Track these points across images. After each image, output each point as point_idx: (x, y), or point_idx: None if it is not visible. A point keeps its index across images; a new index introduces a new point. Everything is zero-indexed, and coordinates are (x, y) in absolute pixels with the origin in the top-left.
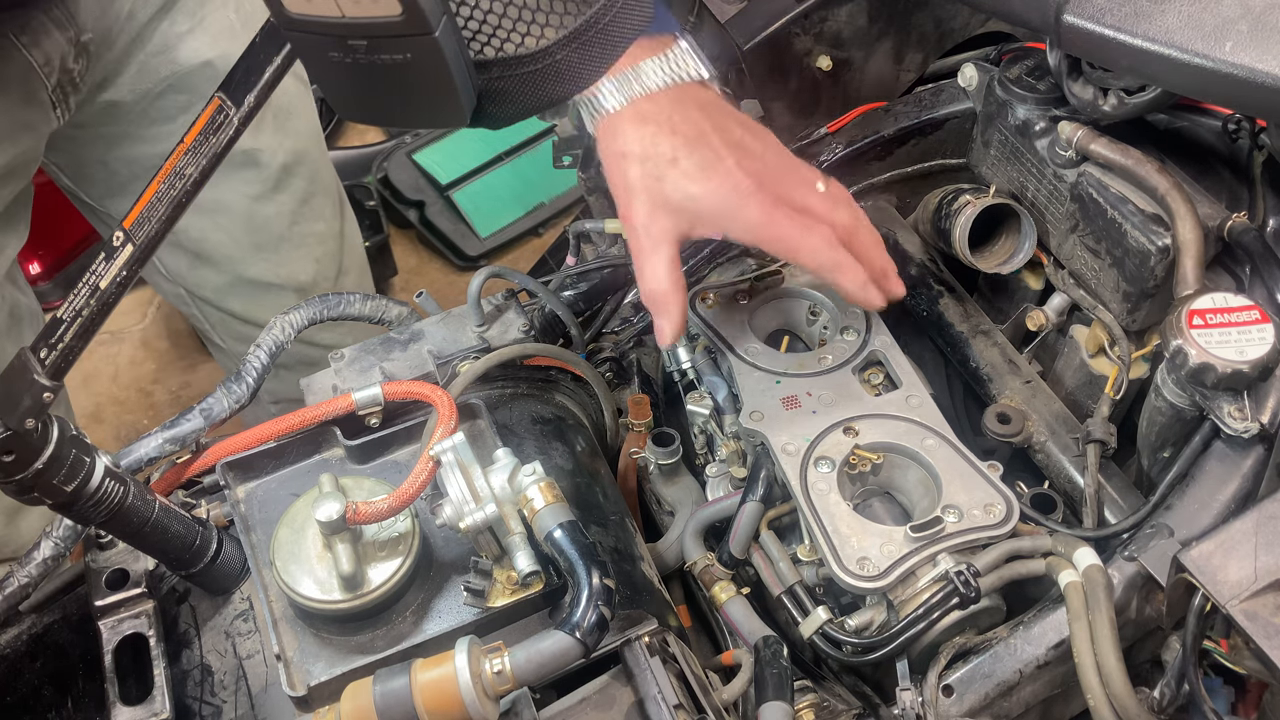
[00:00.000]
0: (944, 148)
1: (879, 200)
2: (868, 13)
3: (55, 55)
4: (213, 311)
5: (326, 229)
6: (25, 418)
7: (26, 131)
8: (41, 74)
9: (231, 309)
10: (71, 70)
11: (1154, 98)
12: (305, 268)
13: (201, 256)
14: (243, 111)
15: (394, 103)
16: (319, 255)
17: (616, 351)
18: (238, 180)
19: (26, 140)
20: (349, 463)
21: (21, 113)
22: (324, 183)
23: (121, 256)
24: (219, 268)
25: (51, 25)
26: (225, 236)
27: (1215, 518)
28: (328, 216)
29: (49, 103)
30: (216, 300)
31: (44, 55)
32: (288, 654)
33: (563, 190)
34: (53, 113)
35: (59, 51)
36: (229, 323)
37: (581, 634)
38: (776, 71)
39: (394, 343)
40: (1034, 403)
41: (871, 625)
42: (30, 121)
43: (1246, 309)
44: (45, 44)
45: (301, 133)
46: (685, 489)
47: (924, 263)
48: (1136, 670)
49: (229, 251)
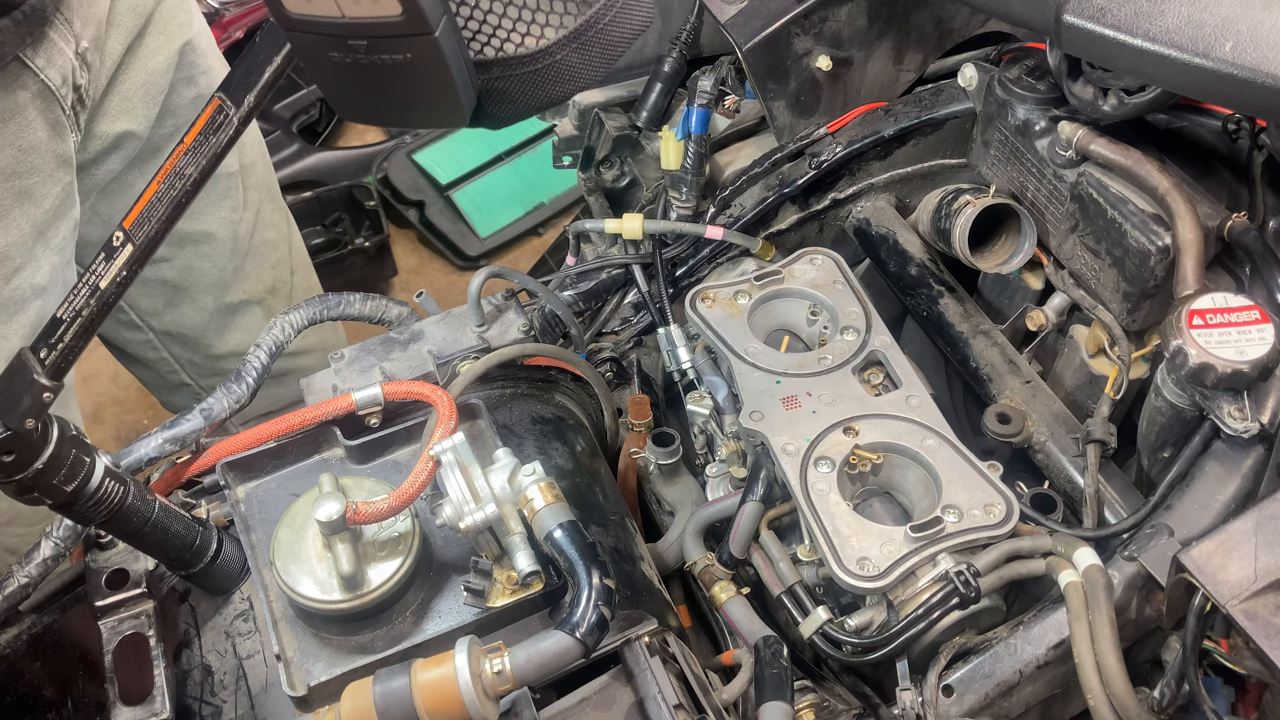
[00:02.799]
0: (944, 148)
1: (879, 200)
2: (868, 13)
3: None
4: (183, 351)
5: (277, 235)
6: (25, 418)
7: (63, 167)
8: (59, 95)
9: (208, 345)
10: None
11: (1154, 98)
12: (264, 277)
13: (182, 290)
14: (243, 111)
15: (394, 103)
16: (274, 262)
17: (616, 351)
18: (222, 208)
19: (63, 175)
20: (349, 463)
21: (53, 145)
22: (270, 190)
23: (121, 256)
24: (199, 300)
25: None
26: (210, 265)
27: (1215, 518)
28: (276, 222)
29: (67, 126)
30: (194, 337)
31: (59, 75)
32: (288, 654)
33: (563, 190)
34: (70, 137)
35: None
36: (199, 362)
37: (581, 634)
38: (776, 71)
39: (394, 343)
40: (1034, 403)
41: (871, 625)
42: (62, 153)
43: (1246, 309)
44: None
45: (246, 144)
46: (685, 489)
47: (924, 263)
48: (1136, 670)
49: (213, 279)
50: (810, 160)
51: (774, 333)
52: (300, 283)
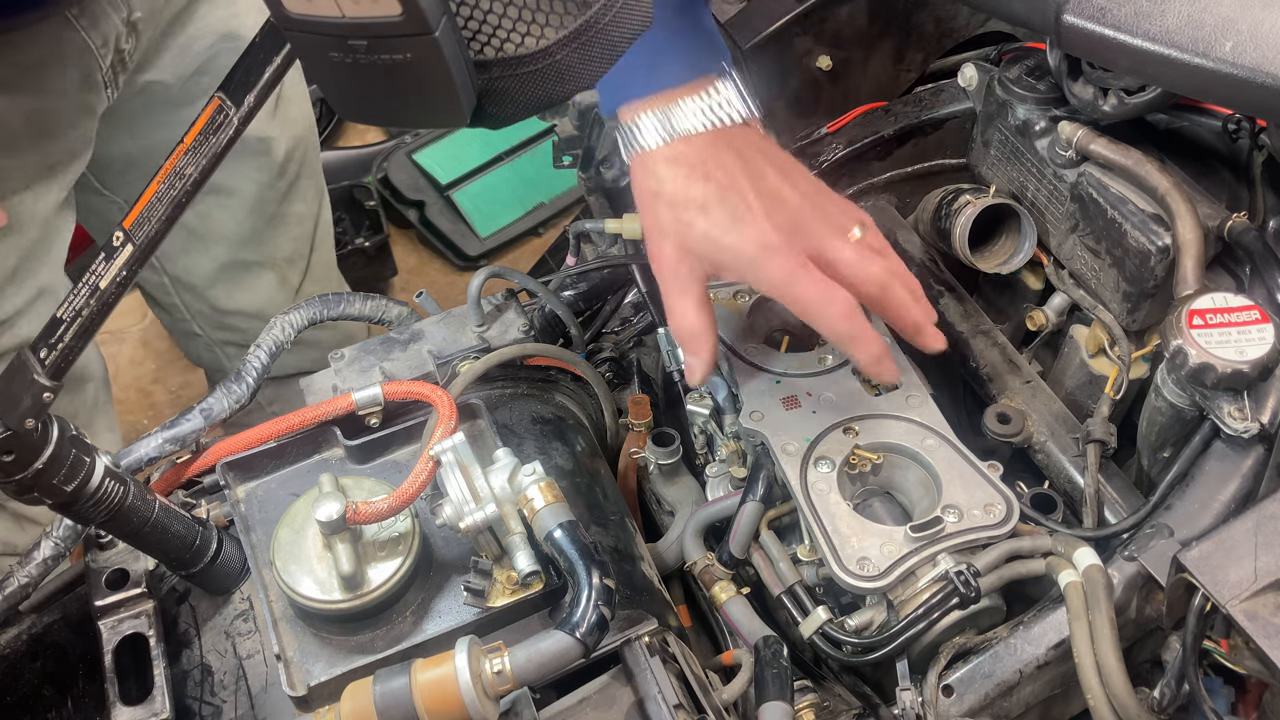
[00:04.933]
0: (944, 148)
1: (879, 200)
2: (868, 13)
3: (111, 34)
4: (194, 300)
5: (306, 210)
6: (25, 418)
7: (86, 115)
8: (98, 55)
9: (214, 298)
10: (123, 50)
11: (1154, 98)
12: (284, 246)
13: (199, 236)
14: (243, 111)
15: (394, 103)
16: (296, 235)
17: (616, 351)
18: (250, 167)
19: (86, 123)
20: (349, 463)
21: (81, 96)
22: (311, 167)
23: (121, 256)
24: (213, 250)
25: (108, 5)
26: (228, 218)
27: (1215, 518)
28: (309, 199)
29: (102, 83)
30: (202, 288)
31: (101, 36)
32: (288, 654)
33: (563, 190)
34: (104, 92)
35: (114, 31)
36: (208, 313)
37: (581, 634)
38: (776, 71)
39: (394, 343)
40: (1034, 403)
41: (871, 625)
42: (89, 104)
43: (1246, 309)
44: (102, 24)
45: (298, 120)
46: (685, 489)
47: (924, 263)
48: (1136, 670)
49: (229, 232)
50: (810, 160)
51: (774, 333)
52: (318, 260)
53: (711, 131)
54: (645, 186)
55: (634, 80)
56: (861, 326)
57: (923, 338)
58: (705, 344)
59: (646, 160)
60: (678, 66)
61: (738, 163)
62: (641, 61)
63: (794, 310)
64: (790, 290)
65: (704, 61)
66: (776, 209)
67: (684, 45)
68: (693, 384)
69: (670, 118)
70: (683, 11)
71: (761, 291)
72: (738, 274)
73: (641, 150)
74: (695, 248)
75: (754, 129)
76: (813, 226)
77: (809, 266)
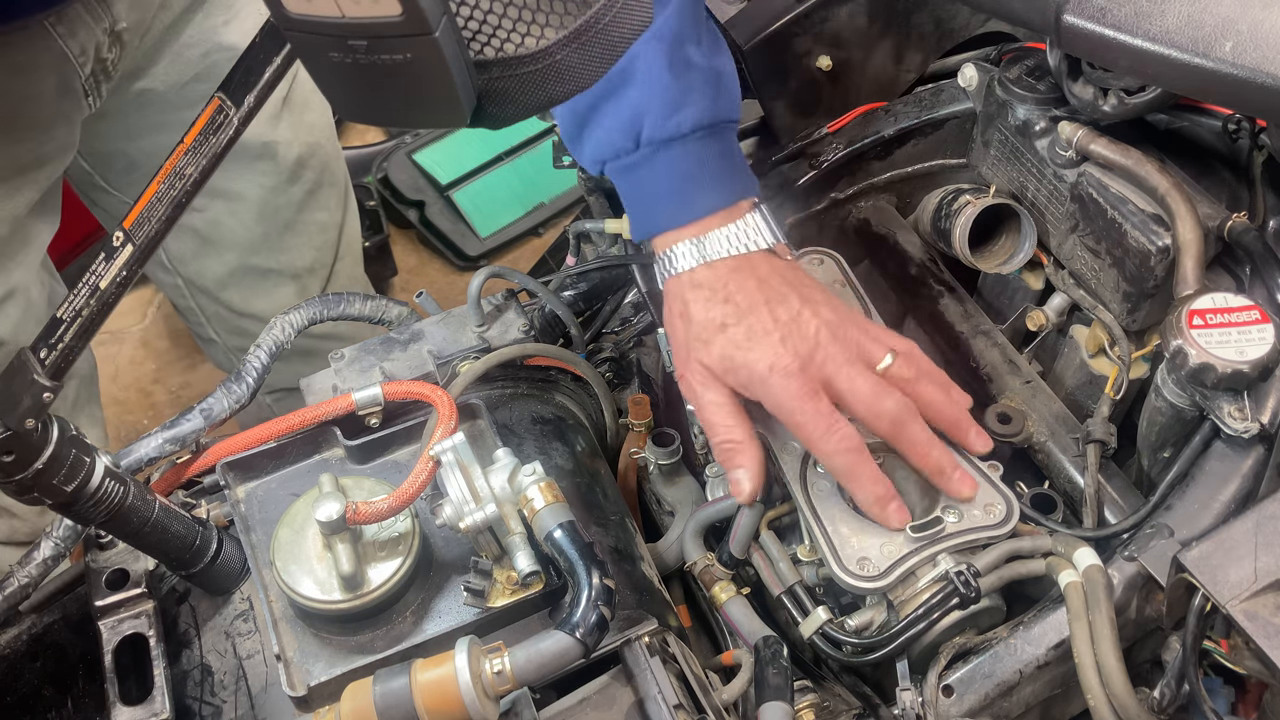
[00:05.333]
0: (944, 148)
1: (879, 200)
2: (868, 13)
3: (90, 45)
4: (209, 303)
5: (329, 219)
6: (25, 418)
7: (62, 122)
8: (76, 64)
9: (229, 301)
10: (105, 59)
11: (1154, 98)
12: (304, 255)
13: (210, 242)
14: (243, 111)
15: (394, 103)
16: (319, 244)
17: (616, 351)
18: (255, 171)
19: (62, 130)
20: (349, 463)
21: (57, 103)
22: (333, 175)
23: (121, 257)
24: (224, 255)
25: (88, 16)
26: (237, 224)
27: (1215, 518)
28: (331, 207)
29: (82, 91)
30: (215, 291)
31: (79, 45)
32: (288, 654)
33: (563, 190)
34: (85, 100)
35: (94, 41)
36: (224, 316)
37: (581, 634)
38: (776, 71)
39: (394, 343)
40: (1034, 403)
41: (871, 625)
42: (65, 111)
43: (1246, 309)
44: (81, 34)
45: (315, 126)
46: (685, 489)
47: (924, 263)
48: (1136, 670)
49: (239, 238)
50: (810, 160)
51: None
52: (344, 270)
53: (736, 257)
54: (672, 309)
55: (666, 209)
56: (862, 464)
57: (943, 479)
58: (747, 455)
59: (676, 284)
60: (709, 195)
61: (760, 288)
62: (673, 189)
63: (797, 437)
64: (794, 416)
65: (735, 190)
66: (794, 333)
67: (713, 171)
68: (742, 500)
69: (704, 246)
70: (709, 139)
71: (770, 411)
72: (750, 391)
73: (673, 275)
74: (714, 365)
75: (779, 255)
76: (830, 353)
77: (819, 395)
